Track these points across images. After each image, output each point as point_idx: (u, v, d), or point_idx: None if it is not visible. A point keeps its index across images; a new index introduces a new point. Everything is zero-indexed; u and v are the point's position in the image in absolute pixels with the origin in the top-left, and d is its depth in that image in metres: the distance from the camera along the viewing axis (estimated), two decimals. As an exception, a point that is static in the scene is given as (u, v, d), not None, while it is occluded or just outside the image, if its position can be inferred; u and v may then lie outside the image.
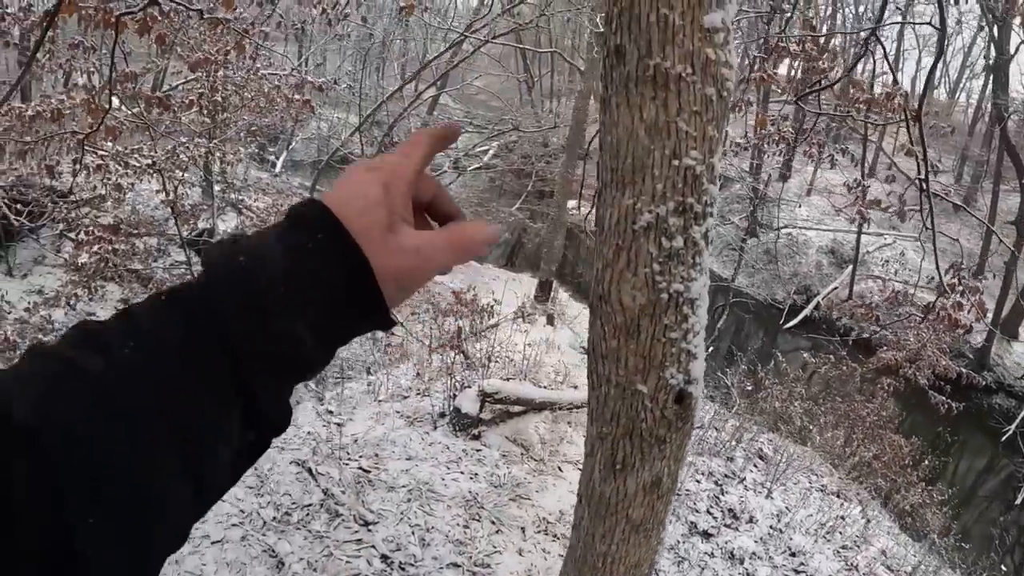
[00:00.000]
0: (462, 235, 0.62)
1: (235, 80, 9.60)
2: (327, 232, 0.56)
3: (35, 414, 0.45)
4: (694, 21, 1.26)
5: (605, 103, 1.33)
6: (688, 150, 1.27)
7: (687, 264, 1.33)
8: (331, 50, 28.32)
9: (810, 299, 21.81)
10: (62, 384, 0.47)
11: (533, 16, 15.48)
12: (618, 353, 1.43)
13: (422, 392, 6.60)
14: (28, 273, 13.23)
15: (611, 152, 1.31)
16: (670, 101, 1.25)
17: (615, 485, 1.66)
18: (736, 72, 1.37)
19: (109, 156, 8.23)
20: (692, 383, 1.48)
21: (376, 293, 0.56)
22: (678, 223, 1.30)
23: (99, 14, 5.35)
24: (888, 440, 11.18)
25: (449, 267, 0.62)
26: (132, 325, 0.51)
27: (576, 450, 6.11)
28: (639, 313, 1.37)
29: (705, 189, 1.31)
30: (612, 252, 1.35)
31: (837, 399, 12.37)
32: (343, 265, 0.55)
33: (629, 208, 1.30)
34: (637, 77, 1.26)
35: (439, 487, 5.17)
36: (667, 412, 1.49)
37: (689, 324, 1.40)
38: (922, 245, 7.03)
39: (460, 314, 8.95)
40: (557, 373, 7.68)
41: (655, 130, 1.26)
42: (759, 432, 8.03)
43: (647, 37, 1.25)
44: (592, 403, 1.58)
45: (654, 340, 1.39)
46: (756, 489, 6.45)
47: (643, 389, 1.45)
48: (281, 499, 4.76)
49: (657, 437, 1.54)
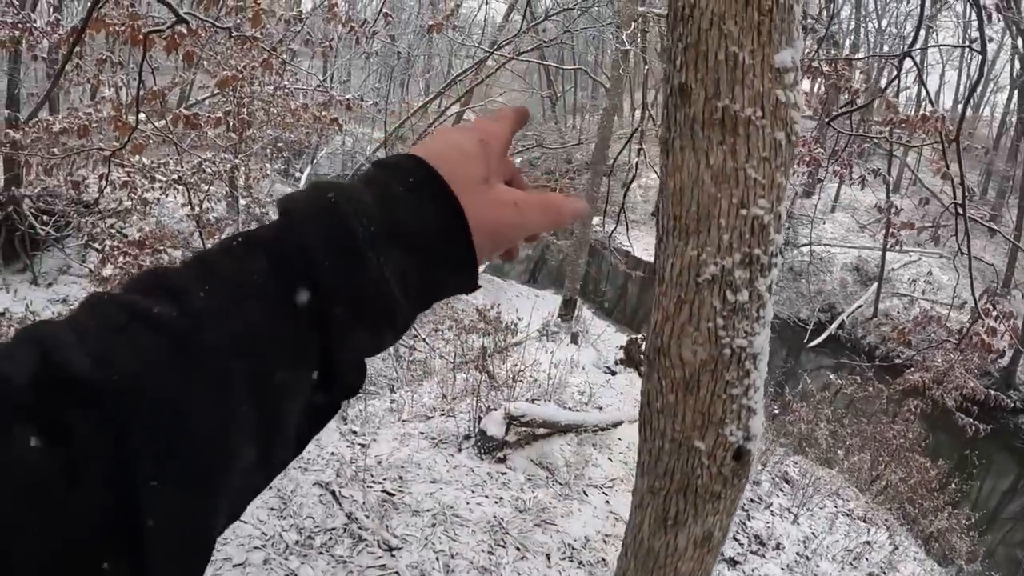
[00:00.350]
0: (554, 199, 0.60)
1: (261, 96, 9.61)
2: (419, 179, 0.52)
3: (96, 366, 0.40)
4: (764, 60, 1.19)
5: (667, 145, 1.26)
6: (756, 199, 1.19)
7: (751, 318, 1.26)
8: (357, 66, 28.50)
9: (834, 317, 21.57)
10: (127, 332, 0.42)
11: (557, 33, 15.47)
12: (675, 408, 1.35)
13: (446, 412, 6.54)
14: (53, 282, 13.35)
15: (674, 198, 1.23)
16: (739, 146, 1.18)
17: (665, 540, 1.57)
18: (801, 113, 1.30)
19: (136, 171, 8.26)
20: (751, 439, 1.40)
21: (469, 244, 0.52)
22: (744, 276, 1.22)
23: (127, 31, 5.36)
24: (915, 463, 10.98)
25: (540, 229, 0.60)
26: (206, 268, 0.46)
27: (601, 473, 6.03)
28: (700, 368, 1.29)
29: (771, 239, 1.23)
30: (673, 305, 1.27)
31: (863, 421, 12.18)
32: (437, 212, 0.52)
33: (693, 259, 1.23)
34: (704, 119, 1.19)
35: (464, 511, 5.09)
36: (724, 469, 1.41)
37: (751, 380, 1.32)
38: (956, 268, 6.92)
39: (484, 331, 8.88)
40: (582, 393, 7.60)
41: (722, 177, 1.18)
42: (785, 455, 7.91)
43: (715, 76, 1.18)
44: (643, 456, 1.50)
45: (714, 396, 1.32)
46: (782, 514, 6.36)
47: (701, 446, 1.38)
48: (304, 522, 4.70)
49: (712, 493, 1.46)
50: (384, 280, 0.49)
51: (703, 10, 1.18)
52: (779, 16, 1.17)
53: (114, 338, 0.41)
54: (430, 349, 9.64)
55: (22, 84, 13.50)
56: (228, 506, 0.44)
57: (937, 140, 5.81)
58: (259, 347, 0.44)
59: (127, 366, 0.40)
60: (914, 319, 9.35)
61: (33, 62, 8.84)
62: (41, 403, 0.38)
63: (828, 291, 22.69)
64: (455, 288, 0.55)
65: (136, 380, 0.40)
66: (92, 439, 0.38)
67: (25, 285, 13.09)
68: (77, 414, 0.38)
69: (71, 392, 0.38)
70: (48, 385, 0.38)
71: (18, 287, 12.88)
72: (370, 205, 0.49)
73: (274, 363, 0.45)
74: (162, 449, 0.40)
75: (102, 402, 0.39)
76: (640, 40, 14.13)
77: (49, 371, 0.39)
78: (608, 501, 5.70)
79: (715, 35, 1.17)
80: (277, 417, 0.46)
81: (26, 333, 0.42)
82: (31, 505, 0.35)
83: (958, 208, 5.28)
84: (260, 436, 0.45)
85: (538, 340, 10.89)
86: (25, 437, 0.36)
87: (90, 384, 0.39)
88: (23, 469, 0.36)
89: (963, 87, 33.31)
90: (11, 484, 0.35)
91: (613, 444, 6.52)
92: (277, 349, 0.45)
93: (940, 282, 21.40)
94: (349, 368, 0.50)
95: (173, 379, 0.41)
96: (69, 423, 0.38)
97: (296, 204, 0.49)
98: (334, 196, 0.49)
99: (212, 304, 0.44)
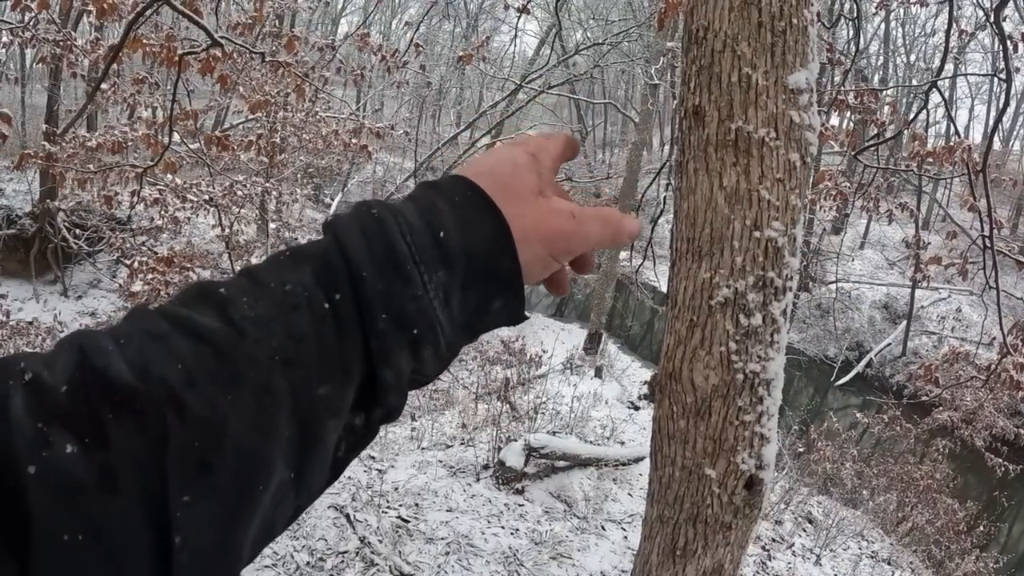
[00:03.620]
0: (613, 213, 0.58)
1: (294, 122, 9.75)
2: (465, 197, 0.51)
3: (135, 373, 0.39)
4: (778, 81, 1.18)
5: (680, 167, 1.25)
6: (770, 220, 1.17)
7: (765, 343, 1.23)
8: (389, 96, 28.85)
9: (862, 355, 21.25)
10: (168, 341, 0.41)
11: (588, 67, 15.57)
12: (686, 435, 1.33)
13: (466, 442, 6.51)
14: (83, 295, 13.57)
15: (687, 221, 1.22)
16: (752, 167, 1.16)
17: (674, 571, 1.54)
18: (817, 135, 1.28)
19: (168, 189, 8.38)
20: (764, 468, 1.37)
21: (514, 259, 0.51)
22: (757, 299, 1.20)
23: (163, 52, 5.47)
24: (942, 504, 10.74)
25: (598, 242, 0.57)
26: (252, 280, 0.46)
27: (620, 508, 5.95)
28: (711, 394, 1.27)
29: (786, 263, 1.21)
30: (685, 328, 1.25)
31: (890, 460, 11.97)
32: (482, 229, 0.50)
33: (706, 282, 1.21)
34: (717, 141, 1.18)
35: (479, 541, 5.04)
36: (735, 498, 1.38)
37: (764, 406, 1.29)
38: (983, 303, 6.80)
39: (508, 363, 8.86)
40: (604, 427, 7.53)
41: (736, 198, 1.17)
42: (809, 495, 7.77)
43: (728, 98, 1.17)
44: (654, 484, 1.47)
45: (726, 423, 1.29)
46: (805, 555, 6.23)
47: (711, 473, 1.34)
48: (316, 544, 4.67)
49: (723, 524, 1.43)
50: (427, 297, 0.47)
51: (716, 32, 1.17)
52: (792, 37, 1.16)
53: (154, 346, 0.41)
54: (453, 379, 9.63)
55: (61, 101, 13.79)
56: (258, 529, 0.43)
57: (964, 172, 5.74)
58: (303, 359, 0.44)
59: (166, 374, 0.40)
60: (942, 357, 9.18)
61: (72, 79, 9.04)
62: (78, 410, 0.38)
63: (856, 329, 22.36)
64: (501, 313, 0.53)
65: (174, 389, 0.39)
66: (129, 447, 0.38)
67: (56, 296, 13.32)
68: (114, 421, 0.38)
69: (109, 398, 0.38)
70: (85, 391, 0.38)
71: (48, 298, 13.12)
72: (414, 221, 0.48)
73: (317, 377, 0.44)
74: (198, 462, 0.39)
75: (140, 410, 0.38)
76: (669, 75, 14.19)
77: (87, 377, 0.39)
78: (626, 536, 5.61)
79: (728, 56, 1.16)
80: (317, 435, 0.45)
81: (67, 340, 0.42)
82: (68, 511, 0.35)
83: (986, 241, 5.19)
84: (298, 454, 0.44)
85: (561, 373, 10.83)
86: (62, 444, 0.36)
87: (129, 391, 0.39)
88: (59, 475, 0.36)
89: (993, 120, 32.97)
90: (47, 490, 0.35)
91: (634, 479, 6.44)
92: (321, 362, 0.44)
93: (970, 319, 21.02)
94: (390, 389, 0.48)
95: (213, 389, 0.40)
96: (106, 430, 0.37)
97: (341, 220, 0.49)
98: (378, 212, 0.48)
99: (256, 314, 0.43)
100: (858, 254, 26.81)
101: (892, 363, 20.86)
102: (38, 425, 0.37)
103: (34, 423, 0.37)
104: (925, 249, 8.19)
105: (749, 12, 1.17)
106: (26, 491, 0.35)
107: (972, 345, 15.23)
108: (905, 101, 22.43)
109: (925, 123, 7.09)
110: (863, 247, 27.35)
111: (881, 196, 8.92)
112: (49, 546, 0.35)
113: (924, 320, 22.13)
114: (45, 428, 0.37)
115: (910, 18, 30.07)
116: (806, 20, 1.22)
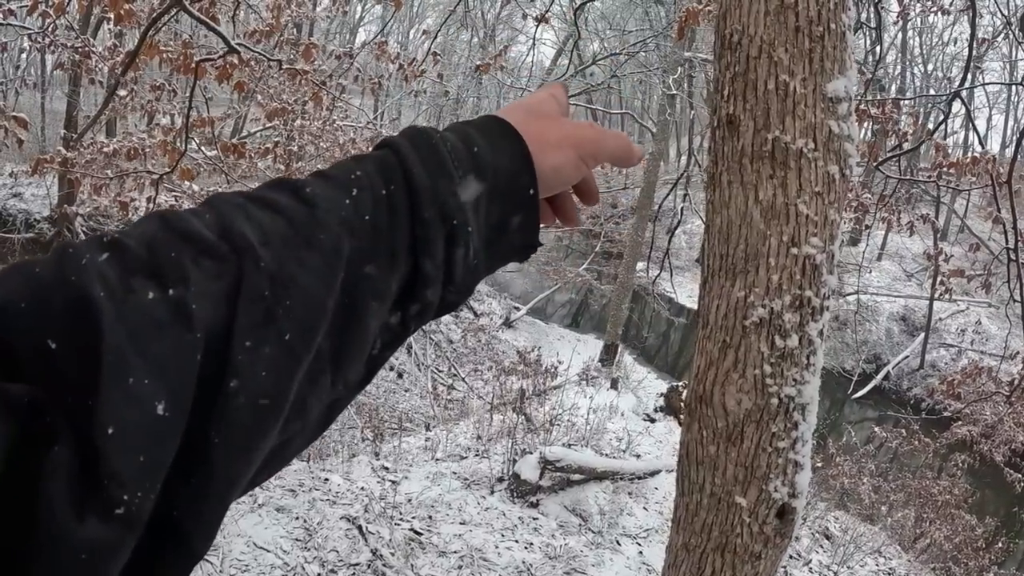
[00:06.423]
0: (625, 136, 0.66)
1: (311, 130, 9.72)
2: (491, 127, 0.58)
3: (213, 230, 0.44)
4: (816, 89, 1.12)
5: (713, 179, 1.18)
6: (808, 236, 1.11)
7: (800, 366, 1.17)
8: (407, 105, 28.89)
9: (880, 368, 21.03)
10: (246, 209, 0.46)
11: (605, 77, 15.53)
12: (716, 461, 1.26)
13: (481, 453, 6.45)
14: (100, 300, 13.59)
15: (720, 236, 1.15)
16: (790, 180, 1.10)
17: (699, 601, 1.47)
18: (856, 147, 1.22)
19: (184, 196, 8.38)
20: (796, 496, 1.30)
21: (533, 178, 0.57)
22: (794, 319, 1.13)
23: (179, 58, 5.46)
24: (960, 520, 10.58)
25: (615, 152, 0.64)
26: (322, 174, 0.51)
27: (635, 522, 5.87)
28: (744, 418, 1.20)
29: (824, 281, 1.15)
30: (718, 349, 1.19)
31: (907, 475, 11.82)
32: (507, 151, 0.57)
33: (740, 301, 1.14)
34: (753, 152, 1.11)
35: (492, 555, 4.97)
36: (767, 528, 1.31)
37: (799, 432, 1.22)
38: (1007, 316, 6.71)
39: (523, 374, 8.80)
40: (619, 440, 7.45)
41: (772, 213, 1.10)
42: (826, 510, 7.66)
43: (764, 107, 1.11)
44: (680, 510, 1.40)
45: (759, 449, 1.22)
46: (822, 572, 6.15)
47: (742, 502, 1.28)
48: (328, 555, 4.62)
49: (752, 554, 1.36)
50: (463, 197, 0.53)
51: (752, 37, 1.11)
52: (831, 43, 1.10)
53: (233, 212, 0.45)
54: (468, 389, 9.57)
55: (80, 107, 13.86)
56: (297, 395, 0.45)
57: (987, 183, 5.66)
58: (360, 233, 0.48)
59: (245, 231, 0.44)
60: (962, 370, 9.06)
61: (91, 85, 9.09)
62: (160, 260, 0.41)
63: (874, 341, 22.15)
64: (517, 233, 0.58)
65: (252, 244, 0.43)
66: (207, 289, 0.41)
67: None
68: (195, 266, 0.41)
69: (191, 249, 0.42)
70: (168, 246, 0.41)
71: (64, 303, 13.14)
72: (452, 138, 0.55)
73: (369, 253, 0.48)
74: (265, 310, 0.42)
75: (221, 256, 0.42)
76: (687, 85, 14.14)
77: (168, 236, 0.42)
78: (642, 552, 5.53)
79: (764, 63, 1.10)
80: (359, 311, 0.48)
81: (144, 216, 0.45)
82: (139, 351, 0.37)
83: (1010, 253, 5.12)
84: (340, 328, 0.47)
85: (577, 384, 10.76)
86: (144, 291, 0.39)
87: (210, 242, 0.43)
88: (139, 316, 0.38)
89: (1010, 130, 32.78)
90: (125, 328, 0.37)
91: (649, 493, 6.36)
92: (373, 240, 0.49)
93: (989, 332, 20.77)
94: (429, 280, 0.52)
95: (286, 250, 0.44)
96: (187, 273, 0.40)
97: (391, 136, 0.55)
98: (422, 128, 0.56)
99: (326, 193, 0.48)
100: (876, 266, 26.59)
101: (910, 376, 20.63)
102: (120, 274, 0.39)
103: (118, 272, 0.39)
104: (947, 261, 8.07)
105: (786, 16, 1.11)
106: (102, 334, 0.36)
107: (991, 358, 15.06)
108: (923, 111, 22.26)
109: (943, 133, 6.99)
110: (881, 259, 27.12)
111: (902, 207, 8.83)
112: (118, 383, 0.36)
113: (942, 332, 21.89)
114: (128, 277, 0.39)
115: (927, 27, 29.90)
116: (844, 25, 1.16)
